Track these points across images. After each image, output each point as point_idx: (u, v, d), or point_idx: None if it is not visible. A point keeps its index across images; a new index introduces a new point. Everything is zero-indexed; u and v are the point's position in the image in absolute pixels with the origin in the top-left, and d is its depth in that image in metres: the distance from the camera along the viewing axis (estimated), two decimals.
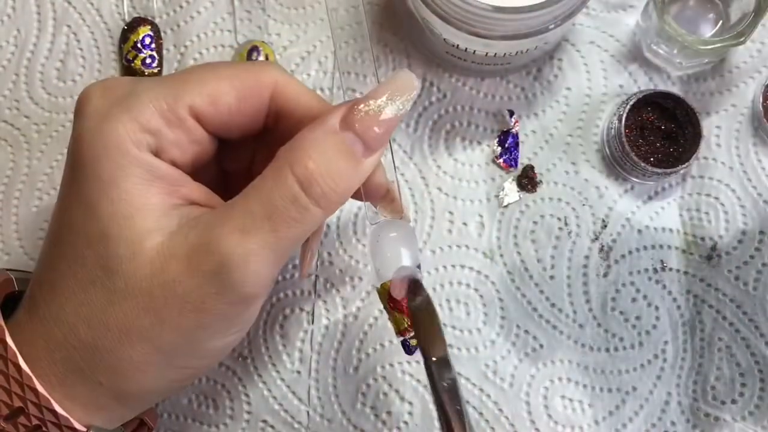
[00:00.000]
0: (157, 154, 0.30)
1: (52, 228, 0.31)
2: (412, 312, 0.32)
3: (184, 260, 0.28)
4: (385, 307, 0.34)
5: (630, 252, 0.42)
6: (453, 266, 0.43)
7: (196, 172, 0.32)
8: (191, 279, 0.28)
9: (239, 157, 0.35)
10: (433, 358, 0.31)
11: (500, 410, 0.41)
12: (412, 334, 0.33)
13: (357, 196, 0.32)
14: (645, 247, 0.43)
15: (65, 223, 0.30)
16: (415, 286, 0.32)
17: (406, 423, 0.41)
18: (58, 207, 0.31)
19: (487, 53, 0.40)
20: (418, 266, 0.33)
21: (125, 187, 0.29)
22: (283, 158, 0.29)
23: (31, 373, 0.29)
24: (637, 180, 0.43)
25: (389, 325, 0.34)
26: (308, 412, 0.42)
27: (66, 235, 0.30)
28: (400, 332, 0.34)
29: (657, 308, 0.42)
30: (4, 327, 0.30)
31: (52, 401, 0.29)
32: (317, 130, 0.29)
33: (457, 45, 0.40)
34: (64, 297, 0.29)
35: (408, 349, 0.34)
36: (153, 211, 0.29)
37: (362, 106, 0.30)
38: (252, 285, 0.29)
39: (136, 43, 0.44)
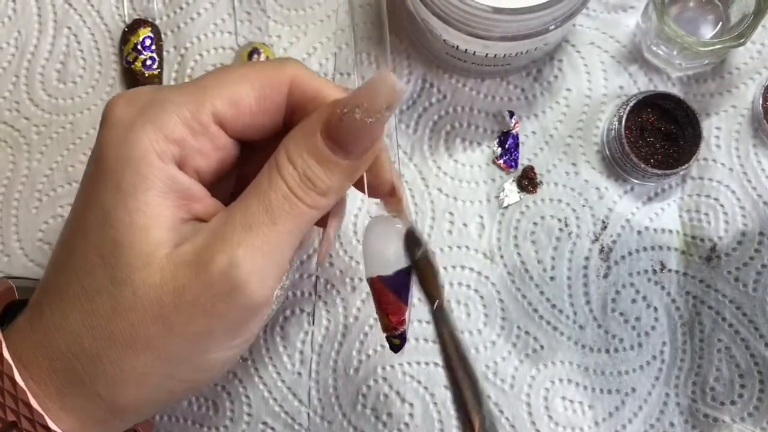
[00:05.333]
0: (181, 163, 0.30)
1: (64, 233, 0.31)
2: (414, 265, 0.33)
3: (193, 264, 0.28)
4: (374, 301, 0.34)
5: (630, 253, 0.43)
6: (453, 267, 0.43)
7: (219, 181, 0.32)
8: (200, 281, 0.28)
9: (261, 162, 0.35)
10: (433, 306, 0.32)
11: (501, 411, 0.41)
12: (397, 332, 0.33)
13: (371, 192, 0.33)
14: (645, 248, 0.43)
15: (78, 230, 0.30)
16: (413, 240, 0.33)
17: (406, 425, 0.41)
18: (72, 213, 0.31)
19: (486, 54, 0.40)
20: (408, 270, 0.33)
21: (144, 198, 0.29)
22: (273, 158, 0.30)
23: (26, 388, 0.29)
24: (637, 181, 0.43)
25: None
26: (309, 414, 0.42)
27: (78, 242, 0.30)
28: (385, 329, 0.34)
29: (656, 309, 0.42)
30: (2, 339, 0.29)
31: (46, 418, 0.29)
32: (298, 132, 0.30)
33: (457, 46, 0.40)
34: (70, 305, 0.29)
35: (392, 347, 0.34)
36: (165, 223, 0.29)
37: (338, 110, 0.29)
38: (257, 284, 0.29)
39: (136, 44, 0.44)
